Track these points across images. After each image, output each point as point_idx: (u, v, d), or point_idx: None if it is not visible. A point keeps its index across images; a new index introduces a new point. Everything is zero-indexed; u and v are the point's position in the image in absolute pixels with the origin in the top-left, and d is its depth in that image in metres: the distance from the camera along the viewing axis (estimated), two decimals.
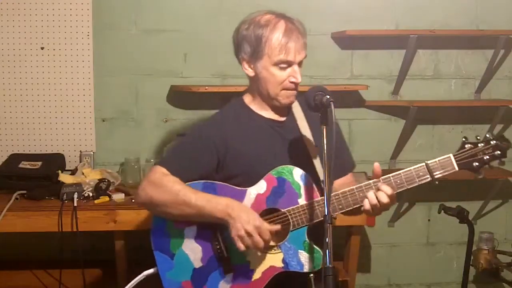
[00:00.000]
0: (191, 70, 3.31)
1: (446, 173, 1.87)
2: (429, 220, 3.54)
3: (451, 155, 1.86)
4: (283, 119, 2.10)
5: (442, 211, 2.98)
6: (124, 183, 3.15)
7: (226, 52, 3.28)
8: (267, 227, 1.89)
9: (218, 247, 1.99)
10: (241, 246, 1.88)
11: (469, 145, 1.86)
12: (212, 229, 1.99)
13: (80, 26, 3.21)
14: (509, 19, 3.42)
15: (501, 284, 3.40)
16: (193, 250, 2.01)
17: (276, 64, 1.98)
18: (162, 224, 2.04)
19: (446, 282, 3.59)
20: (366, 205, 1.88)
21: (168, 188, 1.96)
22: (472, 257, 3.09)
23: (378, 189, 1.88)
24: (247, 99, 2.14)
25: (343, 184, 2.06)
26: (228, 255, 1.98)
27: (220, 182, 2.02)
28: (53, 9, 3.19)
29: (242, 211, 1.91)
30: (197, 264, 2.01)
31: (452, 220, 2.96)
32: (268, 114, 2.10)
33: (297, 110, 2.10)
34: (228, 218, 1.90)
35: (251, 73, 2.06)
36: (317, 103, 1.86)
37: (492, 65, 3.38)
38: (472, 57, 3.48)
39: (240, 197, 1.98)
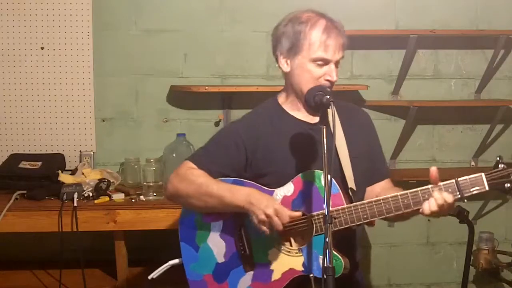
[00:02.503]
0: (191, 70, 3.31)
1: (476, 192, 1.82)
2: (429, 220, 3.53)
3: (482, 174, 1.80)
4: (316, 121, 2.05)
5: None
6: (124, 183, 3.16)
7: (226, 52, 3.33)
8: (285, 211, 1.90)
9: (240, 244, 2.02)
10: (261, 229, 1.90)
11: (503, 165, 1.79)
12: (236, 226, 2.03)
13: (80, 26, 3.22)
14: (509, 19, 3.42)
15: (501, 284, 3.40)
16: (217, 245, 2.06)
17: (314, 60, 1.97)
18: (190, 216, 2.10)
19: (446, 282, 3.59)
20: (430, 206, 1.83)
21: (192, 180, 2.01)
22: (472, 257, 3.09)
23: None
24: (281, 99, 2.13)
25: (388, 189, 2.07)
26: (250, 253, 2.01)
27: (249, 181, 2.04)
28: (53, 9, 3.20)
29: (262, 197, 1.93)
30: (220, 259, 2.05)
31: (452, 220, 2.95)
32: (301, 115, 2.09)
33: (332, 114, 2.08)
34: (249, 205, 1.91)
35: (286, 68, 2.04)
36: (317, 103, 1.86)
37: (492, 65, 3.38)
38: (472, 57, 3.47)
39: None
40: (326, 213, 1.69)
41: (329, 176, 1.73)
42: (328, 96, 1.83)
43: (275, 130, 2.07)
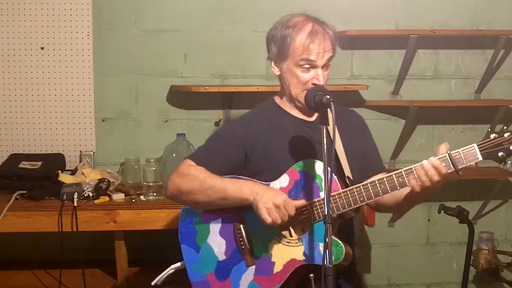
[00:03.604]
0: (191, 70, 3.31)
1: (470, 163, 1.82)
2: (429, 220, 3.54)
3: (475, 144, 1.81)
4: (312, 119, 2.11)
5: (442, 211, 2.98)
6: (124, 183, 3.16)
7: (226, 52, 3.33)
8: (292, 201, 1.91)
9: (240, 239, 2.02)
10: (268, 219, 1.89)
11: (494, 135, 1.80)
12: (236, 222, 2.03)
13: (80, 26, 3.22)
14: (509, 19, 3.42)
15: (501, 284, 3.40)
16: (217, 243, 2.06)
17: (299, 65, 1.99)
18: (189, 218, 2.10)
19: (446, 282, 3.59)
20: (412, 181, 1.85)
21: (195, 175, 2.02)
22: (472, 257, 3.09)
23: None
24: (277, 99, 2.17)
25: None
26: (250, 247, 2.02)
27: (246, 177, 2.05)
28: (53, 9, 3.20)
29: (268, 188, 1.96)
30: (221, 257, 2.06)
31: (452, 220, 2.95)
32: (297, 113, 2.12)
33: (330, 114, 2.09)
34: (255, 195, 1.92)
35: (277, 72, 2.08)
36: (317, 103, 1.87)
37: (492, 65, 3.38)
38: (472, 57, 3.48)
39: None
40: (326, 213, 1.69)
41: (329, 176, 1.73)
42: (328, 96, 1.84)
43: (273, 128, 2.09)
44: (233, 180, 2.01)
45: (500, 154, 1.79)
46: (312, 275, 1.93)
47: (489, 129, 1.82)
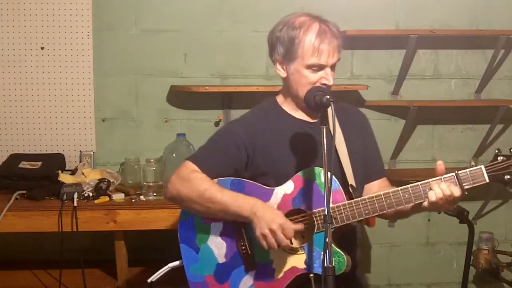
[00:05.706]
0: (191, 70, 3.31)
1: (476, 184, 1.84)
2: (429, 220, 3.54)
3: (482, 166, 1.83)
4: (314, 120, 2.09)
5: (442, 211, 2.98)
6: (124, 183, 3.16)
7: (226, 52, 3.34)
8: (290, 226, 1.90)
9: (242, 244, 2.02)
10: (264, 245, 1.90)
11: (502, 158, 1.83)
12: (237, 226, 2.02)
13: (80, 26, 3.22)
14: (509, 19, 3.42)
15: (501, 284, 3.40)
16: (218, 246, 2.05)
17: (309, 67, 1.98)
18: (190, 218, 2.08)
19: (446, 282, 3.59)
20: (432, 197, 1.86)
21: (196, 184, 1.99)
22: (472, 257, 3.09)
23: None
24: (280, 99, 2.15)
25: (385, 187, 2.07)
26: (251, 252, 2.01)
27: (248, 180, 2.04)
28: (53, 9, 3.20)
29: (267, 210, 1.93)
30: (221, 259, 2.05)
31: (452, 220, 2.95)
32: (299, 115, 2.10)
33: (330, 114, 2.09)
34: (254, 216, 1.91)
35: (283, 74, 2.06)
36: (317, 102, 1.86)
37: (492, 65, 3.38)
38: (472, 57, 3.48)
39: (266, 196, 2.00)
40: (326, 213, 1.69)
41: (329, 176, 1.73)
42: (328, 96, 1.83)
43: (273, 129, 2.08)
44: (234, 195, 1.98)
45: (506, 177, 1.82)
46: (312, 275, 1.92)
47: (497, 151, 1.84)
